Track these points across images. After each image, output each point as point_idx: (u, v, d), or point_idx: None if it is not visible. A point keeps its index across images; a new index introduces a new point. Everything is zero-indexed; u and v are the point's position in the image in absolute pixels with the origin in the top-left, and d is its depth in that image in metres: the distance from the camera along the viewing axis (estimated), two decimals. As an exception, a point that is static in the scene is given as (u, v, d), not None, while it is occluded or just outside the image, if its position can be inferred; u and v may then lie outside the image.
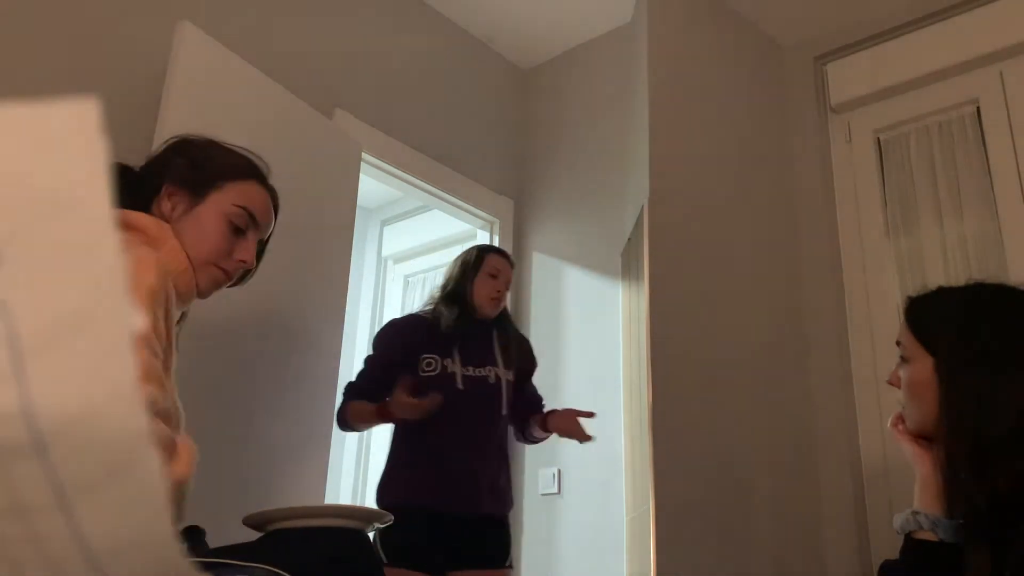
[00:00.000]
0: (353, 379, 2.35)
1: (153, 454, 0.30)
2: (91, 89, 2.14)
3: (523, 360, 2.49)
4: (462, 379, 2.28)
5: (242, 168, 1.41)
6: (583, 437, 2.28)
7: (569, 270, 3.28)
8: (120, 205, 1.29)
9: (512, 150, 3.62)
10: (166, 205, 1.34)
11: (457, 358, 2.30)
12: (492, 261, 2.43)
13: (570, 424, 2.30)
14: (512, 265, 2.51)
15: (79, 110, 0.29)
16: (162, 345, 1.17)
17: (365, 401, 2.26)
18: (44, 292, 0.29)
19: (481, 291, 2.37)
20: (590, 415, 2.30)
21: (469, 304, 2.37)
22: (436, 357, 2.29)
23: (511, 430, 2.52)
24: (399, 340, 2.34)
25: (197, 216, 1.34)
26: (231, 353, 2.21)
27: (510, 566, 2.31)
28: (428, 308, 2.43)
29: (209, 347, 2.09)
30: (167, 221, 1.33)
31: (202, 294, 1.37)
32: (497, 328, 2.43)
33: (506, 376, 2.38)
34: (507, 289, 2.45)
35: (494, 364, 2.36)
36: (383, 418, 2.23)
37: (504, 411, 2.35)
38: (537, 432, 2.44)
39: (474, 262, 2.42)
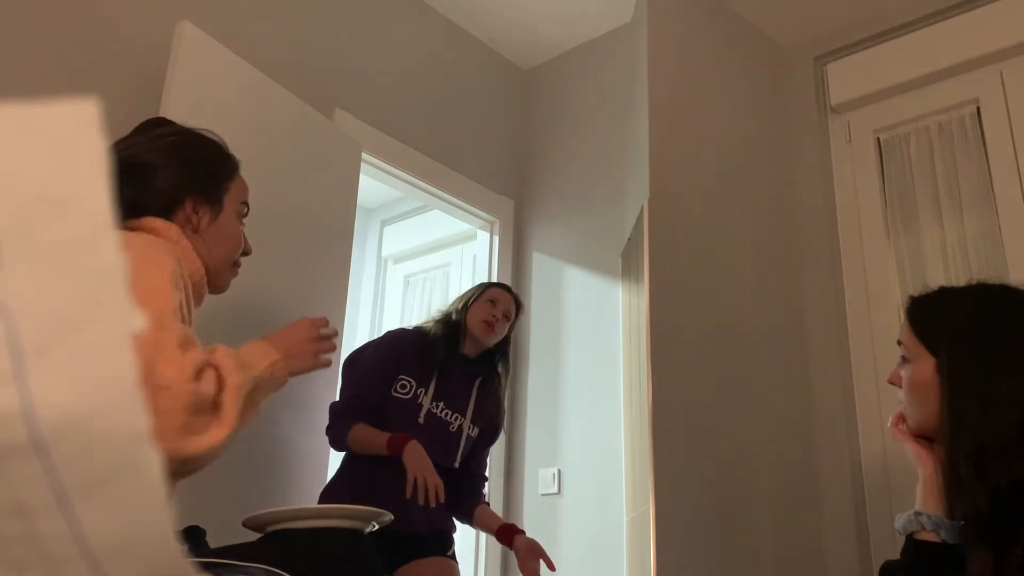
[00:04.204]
0: (345, 399, 2.22)
1: (153, 454, 0.30)
2: (91, 88, 2.15)
3: (489, 426, 2.39)
4: (425, 414, 2.21)
5: (233, 163, 1.46)
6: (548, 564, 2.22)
7: (569, 270, 3.27)
8: (138, 213, 1.30)
9: (512, 150, 3.62)
10: (194, 218, 1.35)
11: (431, 391, 2.23)
12: (493, 291, 2.39)
13: (533, 562, 2.19)
14: (517, 303, 2.42)
15: (79, 110, 0.29)
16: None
17: (370, 427, 2.12)
18: (44, 292, 0.29)
19: (476, 314, 2.32)
20: (550, 565, 2.22)
21: (462, 328, 2.32)
22: (412, 382, 2.22)
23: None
24: (387, 356, 2.24)
25: (222, 223, 1.39)
26: (231, 353, 2.21)
27: (453, 557, 2.25)
28: (426, 323, 2.37)
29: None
30: (195, 231, 1.35)
31: (221, 291, 1.42)
32: (483, 379, 2.36)
33: (469, 430, 2.29)
34: (506, 320, 2.36)
35: (463, 414, 2.29)
36: (392, 452, 2.05)
37: (455, 464, 2.26)
38: (477, 527, 2.37)
39: (476, 292, 2.40)
